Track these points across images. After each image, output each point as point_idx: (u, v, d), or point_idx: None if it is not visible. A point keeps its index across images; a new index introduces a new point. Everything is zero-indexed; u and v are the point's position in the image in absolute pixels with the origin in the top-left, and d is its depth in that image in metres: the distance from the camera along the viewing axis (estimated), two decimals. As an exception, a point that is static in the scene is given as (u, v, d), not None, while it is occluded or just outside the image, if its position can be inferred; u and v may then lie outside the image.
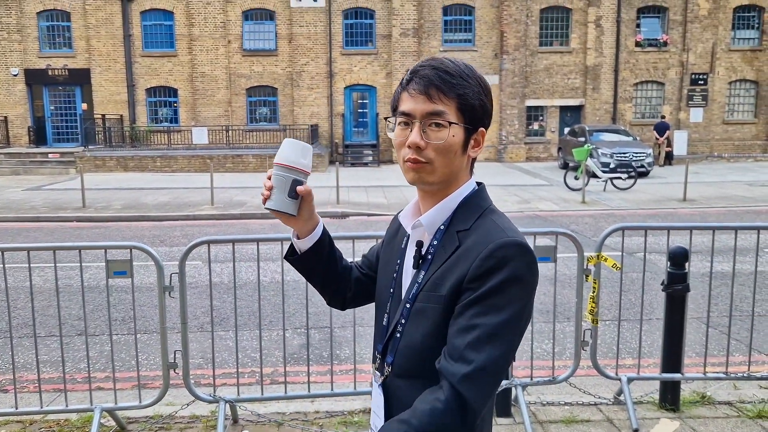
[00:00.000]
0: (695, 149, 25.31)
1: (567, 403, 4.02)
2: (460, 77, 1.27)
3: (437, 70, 1.27)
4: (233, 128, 24.18)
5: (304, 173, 1.38)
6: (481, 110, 1.30)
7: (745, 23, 25.66)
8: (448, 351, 1.20)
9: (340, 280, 1.57)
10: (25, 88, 24.65)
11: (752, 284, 4.27)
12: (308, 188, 1.39)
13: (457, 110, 1.27)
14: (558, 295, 4.62)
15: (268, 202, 1.37)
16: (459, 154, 1.29)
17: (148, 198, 15.02)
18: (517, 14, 24.59)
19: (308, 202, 1.41)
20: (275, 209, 1.37)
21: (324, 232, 1.50)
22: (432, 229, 1.32)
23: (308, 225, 1.46)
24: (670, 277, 3.83)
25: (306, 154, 1.38)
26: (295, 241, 1.50)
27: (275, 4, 24.57)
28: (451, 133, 1.26)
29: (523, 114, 25.29)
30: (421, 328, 1.27)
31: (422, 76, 1.27)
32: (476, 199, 1.33)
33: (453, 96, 1.26)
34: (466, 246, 1.25)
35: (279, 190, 1.36)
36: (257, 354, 4.75)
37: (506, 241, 1.21)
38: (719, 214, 12.29)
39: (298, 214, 1.40)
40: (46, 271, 7.19)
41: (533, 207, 13.40)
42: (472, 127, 1.29)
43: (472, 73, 1.30)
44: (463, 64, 1.30)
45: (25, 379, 4.62)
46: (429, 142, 1.26)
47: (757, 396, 4.11)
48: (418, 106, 1.26)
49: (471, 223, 1.28)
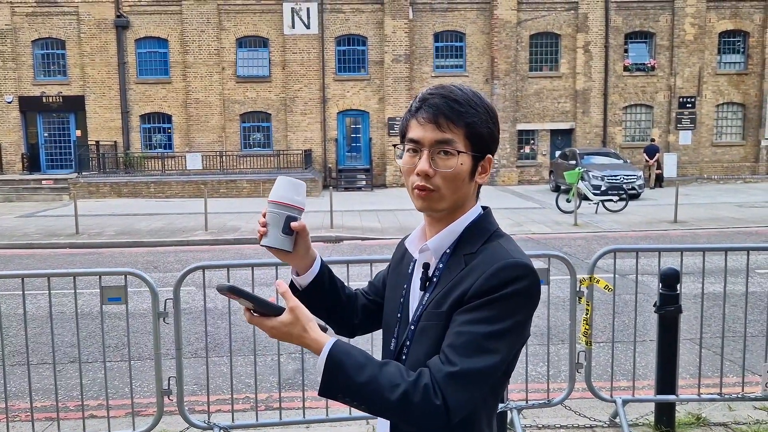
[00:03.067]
0: (685, 171, 25.57)
1: (563, 426, 4.02)
2: (469, 105, 1.29)
3: (446, 98, 1.28)
4: (227, 154, 24.28)
5: (298, 210, 1.38)
6: (489, 137, 1.32)
7: (731, 48, 26.17)
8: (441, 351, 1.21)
9: (345, 309, 1.57)
10: (19, 115, 24.72)
11: (744, 305, 4.31)
12: (302, 224, 1.39)
13: (465, 138, 1.28)
14: (552, 317, 4.63)
15: (263, 239, 1.38)
16: (467, 181, 1.31)
17: (142, 224, 14.99)
18: (507, 40, 24.99)
19: (303, 237, 1.42)
20: (271, 246, 1.37)
21: (322, 266, 1.50)
22: (438, 253, 1.34)
23: (305, 260, 1.47)
24: (663, 298, 3.87)
25: (299, 191, 1.39)
26: (295, 278, 1.50)
27: (269, 31, 24.88)
28: (460, 161, 1.28)
29: (514, 138, 25.54)
30: (424, 347, 1.28)
31: (431, 104, 1.29)
32: (483, 223, 1.34)
33: (461, 125, 1.28)
34: (471, 266, 1.26)
35: (273, 226, 1.37)
36: (252, 380, 4.72)
37: (510, 263, 1.22)
38: (710, 236, 12.38)
39: (294, 250, 1.41)
40: (38, 298, 7.15)
41: (526, 230, 13.46)
42: (479, 154, 1.31)
43: (480, 101, 1.31)
44: (471, 92, 1.32)
45: (17, 407, 4.58)
46: (437, 170, 1.28)
47: (752, 417, 4.12)
48: (427, 134, 1.28)
49: (478, 247, 1.30)
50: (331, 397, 1.19)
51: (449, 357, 1.17)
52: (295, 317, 1.22)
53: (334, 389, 1.17)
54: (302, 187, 1.40)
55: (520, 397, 4.19)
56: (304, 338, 1.21)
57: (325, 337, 1.21)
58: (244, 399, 4.70)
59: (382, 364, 1.19)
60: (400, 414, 1.15)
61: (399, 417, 1.16)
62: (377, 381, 1.15)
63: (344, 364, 1.17)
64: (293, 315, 1.22)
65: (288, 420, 3.94)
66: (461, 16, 25.30)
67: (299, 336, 1.22)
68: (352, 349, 1.20)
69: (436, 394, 1.14)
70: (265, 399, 4.67)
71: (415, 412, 1.14)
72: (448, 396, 1.14)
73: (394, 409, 1.15)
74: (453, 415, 1.15)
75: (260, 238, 1.38)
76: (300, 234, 1.40)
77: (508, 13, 24.89)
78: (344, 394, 1.17)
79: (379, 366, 1.18)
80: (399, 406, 1.14)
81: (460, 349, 1.17)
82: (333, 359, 1.17)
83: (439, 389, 1.14)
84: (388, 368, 1.18)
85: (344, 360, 1.17)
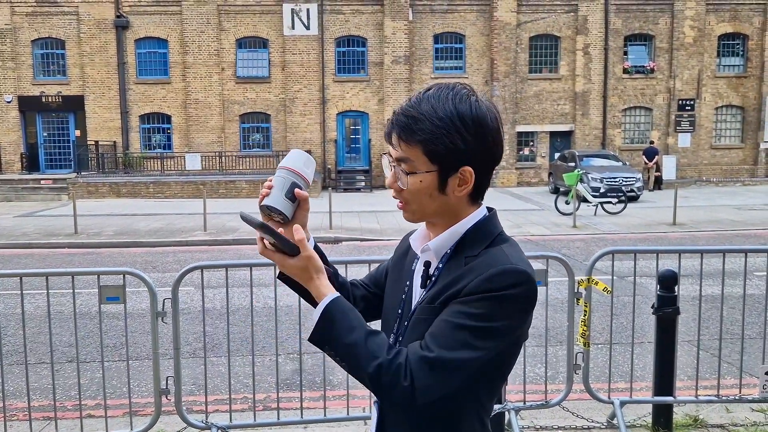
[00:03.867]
0: (684, 174, 25.60)
1: (560, 427, 4.02)
2: (429, 121, 1.23)
3: (407, 116, 1.26)
4: (226, 154, 24.27)
5: (304, 180, 1.39)
6: (455, 152, 1.24)
7: (730, 50, 26.22)
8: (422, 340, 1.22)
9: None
10: (18, 114, 24.71)
11: (742, 307, 4.32)
12: (305, 194, 1.39)
13: (424, 155, 1.25)
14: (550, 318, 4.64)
15: (265, 199, 1.38)
16: (435, 195, 1.28)
17: (141, 224, 14.99)
18: (507, 42, 25.02)
19: (304, 210, 1.40)
20: (271, 205, 1.37)
21: (316, 247, 1.48)
22: (439, 254, 1.33)
23: None
24: (660, 300, 3.87)
25: (309, 165, 1.41)
26: None
27: (268, 32, 24.90)
28: (418, 179, 1.26)
29: (513, 139, 25.55)
30: (414, 339, 1.27)
31: (393, 121, 1.29)
32: (487, 226, 1.32)
33: (414, 143, 1.25)
34: (470, 267, 1.26)
35: (278, 189, 1.38)
36: (250, 380, 4.72)
37: (508, 268, 1.21)
38: (708, 238, 12.40)
39: (291, 219, 1.39)
40: (36, 297, 7.14)
41: (525, 231, 13.47)
42: (445, 169, 1.26)
43: (451, 114, 1.23)
44: (445, 104, 1.24)
45: (15, 407, 4.57)
46: (401, 186, 1.30)
47: (749, 419, 4.12)
48: (391, 150, 1.30)
49: (480, 250, 1.28)
50: (318, 346, 1.25)
51: (428, 343, 1.20)
52: (306, 265, 1.29)
53: (322, 340, 1.24)
54: (312, 162, 1.42)
55: (517, 398, 4.19)
56: (309, 284, 1.29)
57: (329, 289, 1.28)
58: (242, 399, 4.70)
59: (370, 333, 1.22)
60: (371, 384, 1.20)
61: (370, 386, 1.21)
62: (360, 347, 1.20)
63: (336, 320, 1.23)
64: (304, 263, 1.28)
65: (286, 420, 3.94)
66: (461, 18, 25.33)
67: (306, 280, 1.30)
68: (349, 311, 1.25)
69: (405, 376, 1.16)
70: (263, 399, 4.67)
71: (384, 385, 1.18)
72: (416, 378, 1.16)
73: (367, 378, 1.19)
74: (419, 398, 1.16)
75: (261, 199, 1.38)
76: (301, 205, 1.40)
77: (507, 15, 24.92)
78: (330, 347, 1.23)
79: (367, 333, 1.21)
80: (371, 376, 1.18)
81: (439, 338, 1.19)
82: (328, 312, 1.24)
83: (409, 371, 1.17)
84: (375, 339, 1.21)
85: (337, 317, 1.23)
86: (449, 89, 1.27)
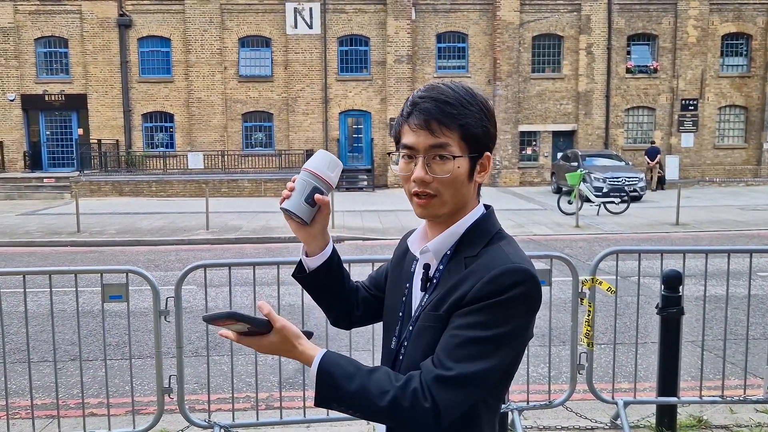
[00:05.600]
0: (687, 174, 25.54)
1: (564, 427, 4.01)
2: (462, 106, 1.25)
3: (437, 101, 1.24)
4: (229, 153, 24.28)
5: (327, 184, 1.36)
6: (485, 136, 1.28)
7: (734, 50, 26.14)
8: (435, 353, 1.21)
9: (347, 300, 1.56)
10: (21, 113, 24.75)
11: (746, 307, 4.30)
12: (326, 199, 1.36)
13: (460, 140, 1.25)
14: (553, 318, 4.63)
15: (285, 202, 1.35)
16: (466, 183, 1.28)
17: (144, 223, 15.00)
18: (510, 41, 24.98)
19: (324, 214, 1.39)
20: (289, 209, 1.35)
21: (334, 251, 1.48)
22: (439, 255, 1.32)
23: (318, 241, 1.44)
24: (665, 300, 3.86)
25: (334, 168, 1.37)
26: (305, 258, 1.48)
27: (271, 31, 24.90)
28: (456, 165, 1.25)
29: (516, 139, 25.53)
30: (420, 348, 1.27)
31: (423, 109, 1.25)
32: (485, 224, 1.32)
33: (455, 127, 1.24)
34: (471, 269, 1.24)
35: (298, 192, 1.35)
36: (252, 379, 4.72)
37: (510, 268, 1.20)
38: (712, 238, 12.37)
39: (311, 223, 1.38)
40: (39, 296, 7.15)
41: (527, 231, 13.45)
42: (477, 154, 1.28)
43: (473, 99, 1.27)
44: (464, 90, 1.27)
45: (17, 405, 4.57)
46: (435, 176, 1.25)
47: (754, 420, 4.11)
48: (421, 139, 1.25)
49: (479, 250, 1.27)
50: (326, 407, 1.21)
51: (441, 360, 1.18)
52: (284, 336, 1.24)
53: (327, 399, 1.20)
54: (339, 165, 1.38)
55: (521, 398, 4.18)
56: (294, 353, 1.24)
57: (314, 350, 1.23)
58: (245, 398, 4.69)
59: (370, 371, 1.20)
60: (392, 418, 1.17)
61: (391, 421, 1.18)
62: (367, 389, 1.17)
63: (334, 374, 1.19)
64: (281, 335, 1.24)
65: (288, 419, 3.94)
66: (464, 17, 25.30)
67: (289, 351, 1.25)
68: (341, 359, 1.22)
69: (425, 397, 1.15)
70: (265, 398, 4.66)
71: (405, 415, 1.15)
72: (438, 398, 1.14)
73: (386, 414, 1.17)
74: (444, 418, 1.15)
75: (282, 201, 1.36)
76: (321, 210, 1.37)
77: (510, 15, 24.89)
78: (338, 404, 1.20)
79: (368, 373, 1.19)
80: (390, 411, 1.16)
81: (452, 353, 1.17)
82: (323, 371, 1.20)
83: (429, 392, 1.15)
84: (377, 375, 1.19)
85: (334, 371, 1.20)
86: (450, 82, 1.30)
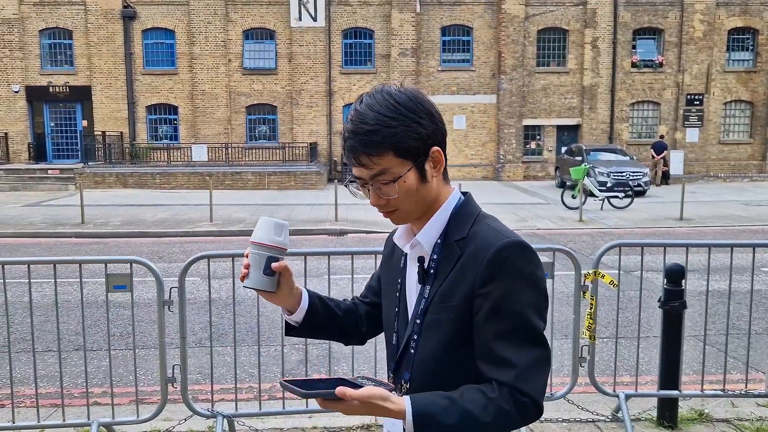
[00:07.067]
0: (691, 169, 25.46)
1: (565, 419, 4.02)
2: (386, 126, 1.25)
3: (359, 134, 1.26)
4: (233, 146, 24.29)
5: (280, 250, 1.37)
6: (421, 141, 1.28)
7: (740, 45, 25.99)
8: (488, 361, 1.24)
9: (347, 324, 1.59)
10: (25, 104, 24.80)
11: (749, 302, 4.30)
12: (283, 264, 1.38)
13: (396, 158, 1.27)
14: (555, 312, 4.63)
15: (245, 280, 1.37)
16: (421, 188, 1.31)
17: (147, 214, 15.04)
18: (515, 35, 24.88)
19: (286, 277, 1.40)
20: (252, 287, 1.37)
21: (311, 298, 1.50)
22: (430, 245, 1.35)
23: (291, 299, 1.46)
24: (667, 293, 3.86)
25: (280, 231, 1.37)
26: (288, 318, 1.50)
27: (275, 23, 24.85)
28: (402, 181, 1.28)
29: (520, 133, 25.47)
30: (435, 339, 1.30)
31: (349, 148, 1.29)
32: (467, 208, 1.37)
33: (385, 150, 1.26)
34: (468, 254, 1.28)
35: (255, 267, 1.36)
36: (255, 369, 4.74)
37: (505, 243, 1.25)
38: (716, 233, 12.34)
39: (277, 290, 1.39)
40: (43, 286, 7.18)
41: (531, 225, 13.44)
42: (420, 159, 1.29)
43: (396, 110, 1.26)
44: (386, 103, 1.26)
45: (22, 393, 4.61)
46: (388, 197, 1.30)
47: (755, 414, 4.12)
48: (363, 172, 1.30)
49: (467, 231, 1.32)
50: None
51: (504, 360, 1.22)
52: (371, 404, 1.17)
53: None
54: (283, 226, 1.38)
55: (522, 391, 4.19)
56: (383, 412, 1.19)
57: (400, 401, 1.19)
58: (248, 389, 4.72)
59: (461, 394, 1.22)
60: (501, 426, 1.21)
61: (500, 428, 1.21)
62: (468, 412, 1.19)
63: (431, 413, 1.19)
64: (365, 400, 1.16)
65: (291, 409, 3.96)
66: (469, 10, 25.20)
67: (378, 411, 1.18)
68: (429, 396, 1.21)
69: (520, 393, 1.20)
70: (268, 389, 4.69)
71: (513, 418, 1.21)
72: (528, 390, 1.21)
73: (494, 425, 1.20)
74: (539, 400, 1.23)
75: (242, 279, 1.37)
76: (282, 274, 1.39)
77: (515, 8, 24.78)
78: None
79: (459, 397, 1.21)
80: (498, 421, 1.20)
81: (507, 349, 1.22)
82: (420, 416, 1.18)
83: (517, 391, 1.20)
84: (468, 395, 1.21)
85: (430, 409, 1.19)
86: (375, 92, 1.30)
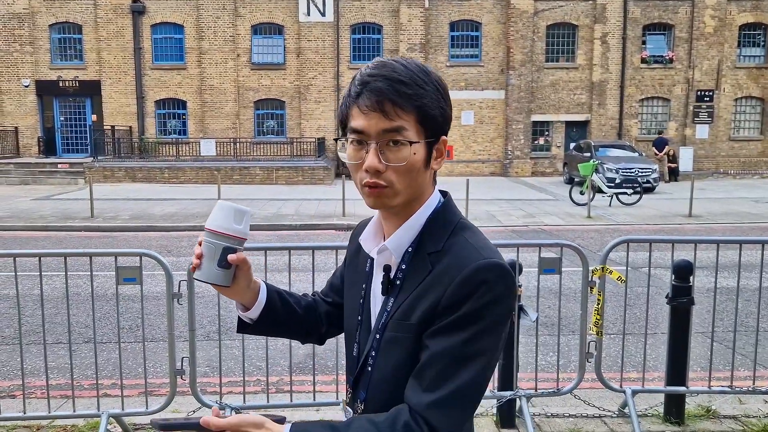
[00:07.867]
0: (701, 166, 25.29)
1: (571, 415, 4.03)
2: (417, 85, 1.12)
3: (390, 80, 1.10)
4: (241, 141, 24.35)
5: (238, 240, 1.22)
6: (442, 119, 1.16)
7: (751, 41, 25.75)
8: (415, 377, 1.11)
9: (307, 322, 1.46)
10: (35, 99, 24.94)
11: (757, 299, 4.29)
12: (241, 256, 1.23)
13: (416, 123, 1.12)
14: (563, 308, 4.64)
15: (196, 272, 1.22)
16: (422, 171, 1.16)
17: (156, 208, 15.12)
18: (524, 30, 24.77)
19: (245, 271, 1.26)
20: (203, 280, 1.22)
21: (269, 293, 1.36)
22: (399, 252, 1.19)
23: (249, 294, 1.32)
24: (675, 290, 3.85)
25: (240, 219, 1.22)
26: (243, 315, 1.37)
27: (284, 18, 24.85)
28: (413, 151, 1.12)
29: (528, 129, 25.38)
30: (392, 360, 1.17)
31: (374, 89, 1.11)
32: (444, 214, 1.20)
33: (411, 109, 1.11)
34: (439, 270, 1.13)
35: (208, 258, 1.21)
36: (263, 363, 4.77)
37: (482, 265, 1.10)
38: (725, 230, 12.27)
39: (233, 284, 1.25)
40: (53, 279, 7.25)
41: (538, 221, 13.41)
42: (433, 139, 1.16)
43: (428, 77, 1.14)
44: (417, 67, 1.14)
45: (33, 385, 4.67)
46: (389, 164, 1.12)
47: (762, 410, 4.11)
48: (373, 123, 1.11)
49: (442, 244, 1.16)
50: None
51: (428, 383, 1.08)
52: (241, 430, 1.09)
53: None
54: (244, 213, 1.23)
55: (529, 386, 4.20)
56: None
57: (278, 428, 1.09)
58: (255, 381, 4.75)
59: (347, 425, 1.10)
60: None
61: None
62: None
63: None
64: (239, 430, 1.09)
65: (298, 402, 3.99)
66: (477, 6, 25.10)
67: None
68: (311, 425, 1.12)
69: (419, 426, 1.06)
70: (276, 382, 4.72)
71: None
72: (435, 423, 1.06)
73: None
74: None
75: (193, 270, 1.23)
76: (240, 267, 1.25)
77: (525, 3, 24.66)
78: None
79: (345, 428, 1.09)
80: None
81: (438, 372, 1.08)
82: None
83: (422, 420, 1.06)
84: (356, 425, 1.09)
85: None
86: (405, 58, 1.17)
